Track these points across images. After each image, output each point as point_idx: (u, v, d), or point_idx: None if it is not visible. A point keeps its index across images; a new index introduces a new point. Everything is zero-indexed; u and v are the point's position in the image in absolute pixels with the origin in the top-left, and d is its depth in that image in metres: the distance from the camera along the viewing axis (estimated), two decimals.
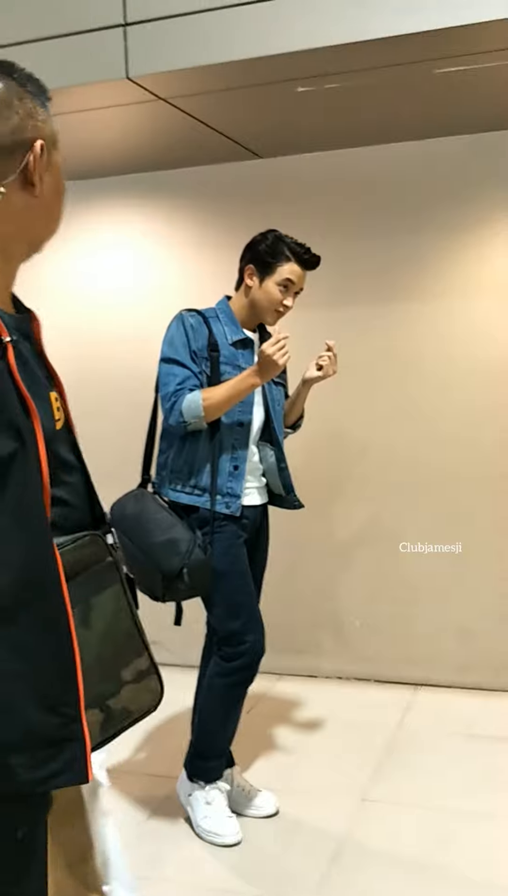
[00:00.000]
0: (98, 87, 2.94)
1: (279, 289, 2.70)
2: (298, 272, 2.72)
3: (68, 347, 4.33)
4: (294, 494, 2.88)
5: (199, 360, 2.66)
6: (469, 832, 2.70)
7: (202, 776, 2.78)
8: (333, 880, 2.48)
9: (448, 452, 3.80)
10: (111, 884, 1.42)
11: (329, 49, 2.69)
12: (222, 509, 2.67)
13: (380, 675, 3.94)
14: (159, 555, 2.52)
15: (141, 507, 2.67)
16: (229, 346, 2.69)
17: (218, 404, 2.61)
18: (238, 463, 2.70)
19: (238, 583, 2.70)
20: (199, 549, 2.54)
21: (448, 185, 3.70)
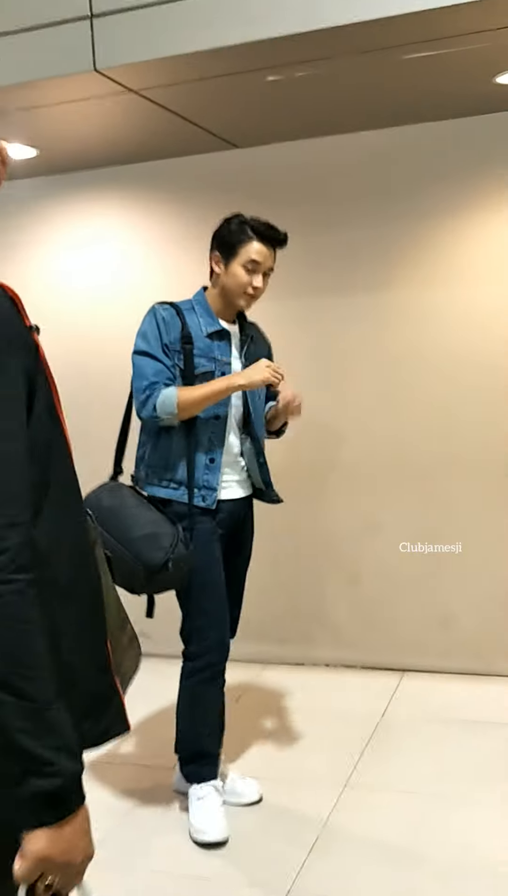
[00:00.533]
0: (67, 81, 2.93)
1: (245, 270, 2.65)
2: (262, 251, 2.66)
3: (48, 342, 4.34)
4: (272, 489, 2.86)
5: (171, 353, 2.65)
6: (450, 817, 2.72)
7: (190, 777, 2.80)
8: (313, 867, 2.50)
9: (432, 441, 3.80)
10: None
11: (296, 37, 2.68)
12: (199, 503, 2.67)
13: (366, 662, 3.96)
14: (142, 549, 2.52)
15: (119, 501, 2.66)
16: (204, 338, 2.67)
17: (194, 403, 2.60)
18: (214, 456, 2.68)
19: (208, 579, 2.69)
20: (182, 544, 2.56)
21: (425, 172, 3.70)
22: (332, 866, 2.50)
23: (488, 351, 3.70)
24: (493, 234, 3.66)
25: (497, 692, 3.64)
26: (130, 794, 2.96)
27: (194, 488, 2.66)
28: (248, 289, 2.67)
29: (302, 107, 3.37)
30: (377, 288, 3.81)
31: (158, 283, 4.03)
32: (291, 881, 2.43)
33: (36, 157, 3.85)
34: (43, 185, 4.26)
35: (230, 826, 2.70)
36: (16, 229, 4.34)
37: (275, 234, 2.69)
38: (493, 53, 2.92)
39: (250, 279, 2.66)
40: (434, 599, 3.84)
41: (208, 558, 2.68)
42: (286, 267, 3.87)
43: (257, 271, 2.66)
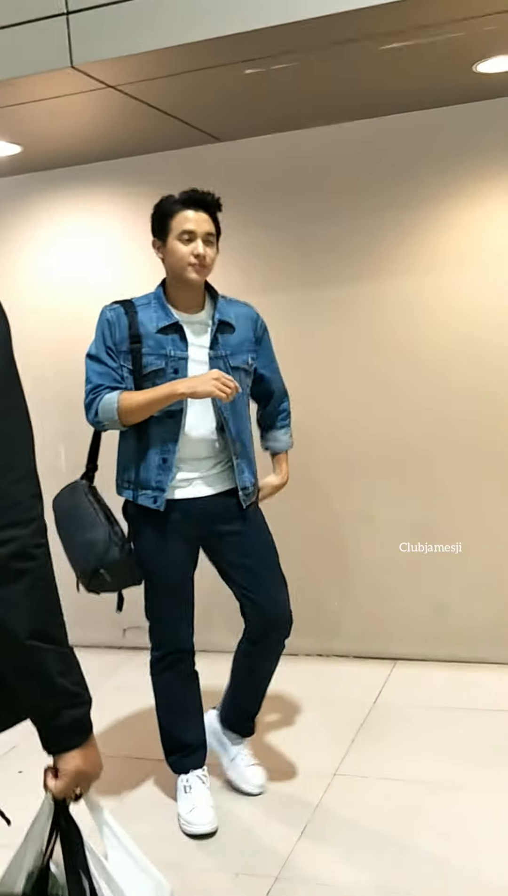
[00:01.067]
0: (44, 78, 2.93)
1: (182, 242, 2.56)
2: (191, 217, 2.57)
3: (33, 337, 4.36)
4: (244, 493, 2.71)
5: (117, 355, 2.62)
6: (440, 804, 2.74)
7: (174, 768, 2.84)
8: (302, 852, 2.53)
9: (421, 429, 3.81)
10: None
11: (273, 30, 2.68)
12: (148, 503, 2.63)
13: (358, 652, 3.98)
14: (78, 553, 2.62)
15: (74, 503, 2.70)
16: (154, 335, 2.60)
17: (135, 409, 2.55)
18: (167, 455, 2.61)
19: (156, 579, 2.69)
20: (115, 548, 2.58)
21: (407, 162, 3.70)
22: (322, 852, 2.53)
23: (475, 339, 3.71)
24: (477, 223, 3.66)
25: (487, 679, 3.66)
26: (119, 786, 2.99)
27: (141, 489, 2.64)
28: (189, 258, 2.56)
29: (282, 99, 3.38)
30: (365, 278, 3.82)
31: (143, 278, 4.00)
32: (280, 867, 2.45)
33: (19, 153, 3.86)
34: (28, 182, 4.27)
35: (221, 810, 2.74)
36: (1, 226, 4.35)
37: (201, 197, 2.59)
38: (471, 42, 2.92)
39: (189, 248, 2.56)
40: (427, 590, 3.86)
41: (157, 560, 2.67)
42: (272, 260, 3.91)
43: (193, 239, 2.56)
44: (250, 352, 2.74)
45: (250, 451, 2.76)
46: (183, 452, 2.63)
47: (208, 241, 2.60)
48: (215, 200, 2.63)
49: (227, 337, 2.68)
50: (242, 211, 3.95)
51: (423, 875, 2.38)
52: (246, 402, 2.75)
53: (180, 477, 2.65)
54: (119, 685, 3.90)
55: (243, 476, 2.70)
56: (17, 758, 3.28)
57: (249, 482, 2.72)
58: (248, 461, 2.74)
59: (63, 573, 3.81)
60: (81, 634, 4.74)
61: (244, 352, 2.71)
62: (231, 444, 2.67)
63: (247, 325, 2.74)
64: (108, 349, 2.65)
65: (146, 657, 4.13)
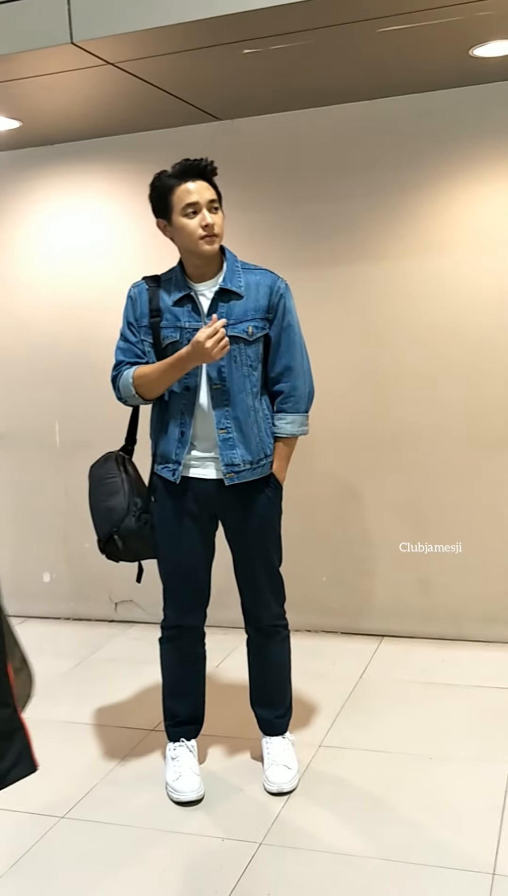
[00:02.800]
0: (44, 54, 2.94)
1: (187, 216, 2.52)
2: (190, 188, 2.52)
3: (29, 311, 4.39)
4: (228, 469, 2.63)
5: (137, 330, 2.67)
6: (421, 776, 2.81)
7: (167, 735, 2.90)
8: (285, 820, 2.60)
9: (412, 409, 3.86)
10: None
11: (271, 10, 2.68)
12: (168, 476, 2.68)
13: (346, 628, 4.05)
14: (98, 519, 2.74)
15: (103, 471, 2.81)
16: (171, 308, 2.63)
17: (150, 382, 2.60)
18: (184, 429, 2.64)
19: (165, 552, 2.75)
20: (131, 518, 2.65)
21: (404, 144, 3.72)
22: (305, 819, 2.60)
23: (470, 322, 3.74)
24: (473, 206, 3.69)
25: (473, 657, 3.73)
26: (113, 755, 3.05)
27: (163, 461, 2.69)
28: (198, 231, 2.52)
29: (280, 79, 3.39)
30: (361, 259, 3.85)
31: (140, 255, 4.06)
32: (263, 834, 2.52)
33: (19, 128, 3.87)
34: (27, 157, 4.28)
35: (209, 777, 2.81)
36: (2, 199, 4.36)
37: (196, 165, 2.55)
38: (469, 26, 2.93)
39: (197, 221, 2.52)
40: (413, 566, 3.92)
41: (168, 533, 2.71)
42: (267, 239, 3.93)
43: (198, 210, 2.52)
44: (257, 320, 2.63)
45: (249, 428, 2.64)
46: (197, 428, 2.64)
47: (213, 209, 2.55)
48: (211, 166, 2.58)
49: (231, 305, 2.61)
50: (238, 190, 3.96)
51: (402, 842, 2.45)
52: (245, 374, 2.63)
53: (196, 455, 2.66)
54: (111, 657, 3.96)
55: (231, 452, 2.62)
56: None
57: (239, 459, 2.62)
58: (244, 438, 2.63)
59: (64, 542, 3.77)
60: (75, 607, 4.84)
61: (248, 320, 2.62)
62: (224, 414, 2.62)
63: (261, 292, 2.64)
64: (129, 324, 2.69)
65: (138, 630, 4.23)
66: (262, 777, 2.80)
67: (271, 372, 2.72)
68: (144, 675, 3.58)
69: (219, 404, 2.62)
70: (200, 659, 2.89)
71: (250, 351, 2.63)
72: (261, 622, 2.83)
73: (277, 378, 2.73)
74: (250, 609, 2.82)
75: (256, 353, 2.65)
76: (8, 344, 4.45)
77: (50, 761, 3.00)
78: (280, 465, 2.76)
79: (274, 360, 2.71)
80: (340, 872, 2.35)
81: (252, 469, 2.67)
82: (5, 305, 4.43)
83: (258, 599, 2.80)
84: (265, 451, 2.70)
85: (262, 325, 2.65)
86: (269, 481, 2.73)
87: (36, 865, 2.46)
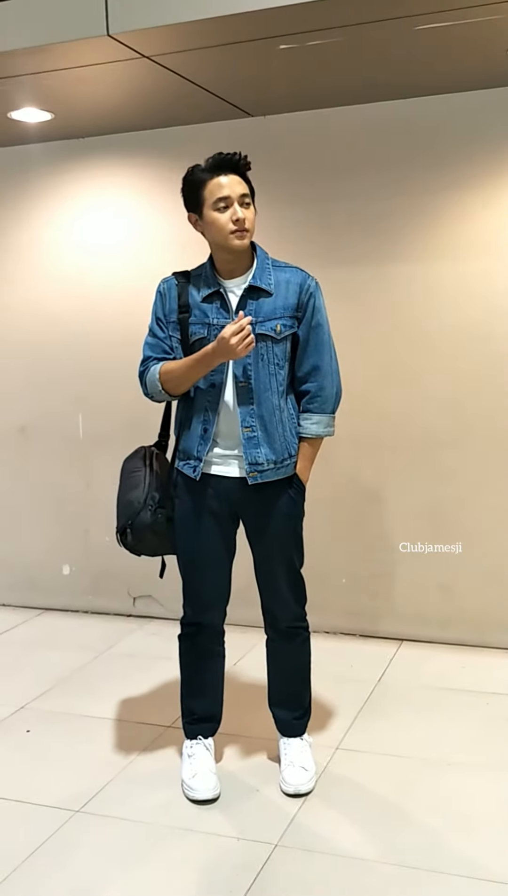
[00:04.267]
0: (80, 46, 2.94)
1: (218, 211, 2.49)
2: (222, 182, 2.49)
3: (57, 304, 4.39)
4: (251, 468, 2.60)
5: (166, 326, 2.66)
6: (437, 782, 2.79)
7: (184, 731, 2.89)
8: (301, 822, 2.58)
9: (434, 413, 3.83)
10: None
11: (308, 5, 2.67)
12: (189, 472, 2.67)
13: (365, 630, 4.02)
14: (119, 510, 2.75)
15: (132, 464, 2.82)
16: (200, 304, 2.61)
17: (176, 378, 2.59)
18: (208, 426, 2.62)
19: (184, 548, 2.74)
20: (147, 512, 2.66)
21: (436, 144, 3.69)
22: (322, 821, 2.58)
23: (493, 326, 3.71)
24: (501, 209, 3.65)
25: (492, 664, 3.69)
26: (129, 750, 3.04)
27: (185, 457, 2.68)
28: (229, 226, 2.49)
29: (315, 76, 3.37)
30: (391, 260, 3.82)
31: (169, 250, 4.05)
32: (279, 836, 2.50)
33: (51, 121, 3.87)
34: (58, 150, 4.28)
35: (226, 777, 2.79)
36: (31, 192, 4.37)
37: (228, 159, 2.51)
38: (505, 26, 2.90)
39: (228, 215, 2.49)
40: (434, 570, 3.89)
41: (187, 529, 2.70)
42: (295, 236, 3.91)
43: (229, 205, 2.49)
44: (285, 318, 2.60)
45: (274, 427, 2.61)
46: (221, 425, 2.62)
47: (245, 204, 2.51)
48: (244, 160, 2.54)
49: (260, 303, 2.58)
50: (267, 187, 3.94)
51: (418, 849, 2.43)
52: (272, 372, 2.60)
53: (219, 452, 2.64)
54: (129, 652, 3.96)
55: (255, 451, 2.59)
56: (25, 717, 3.35)
57: (263, 458, 2.60)
58: (269, 437, 2.60)
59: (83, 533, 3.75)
60: (93, 601, 4.85)
61: (277, 318, 2.59)
62: (249, 413, 2.59)
63: (290, 290, 2.61)
64: (158, 320, 2.68)
65: (155, 626, 4.22)
66: (279, 778, 2.78)
67: (299, 371, 2.68)
68: (161, 670, 3.57)
69: (244, 402, 2.59)
70: (218, 657, 2.88)
71: (278, 349, 2.60)
72: (281, 623, 2.80)
73: (304, 378, 2.69)
74: (269, 610, 2.80)
75: (283, 351, 2.62)
76: (34, 336, 4.45)
77: (66, 755, 3.02)
78: (304, 466, 2.72)
79: (302, 359, 2.67)
80: (355, 876, 2.32)
81: (276, 469, 2.64)
82: (33, 298, 4.43)
83: (278, 600, 2.77)
84: (290, 451, 2.66)
85: (290, 324, 2.61)
86: (292, 482, 2.70)
87: (50, 859, 2.45)
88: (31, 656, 3.97)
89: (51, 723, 3.28)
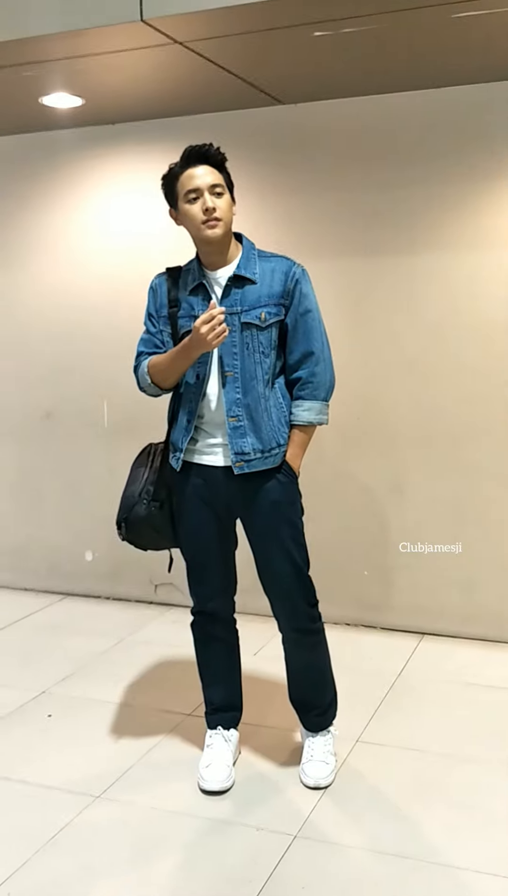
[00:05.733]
0: (113, 31, 2.92)
1: (190, 202, 2.50)
2: (192, 174, 2.49)
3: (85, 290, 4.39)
4: (237, 458, 2.57)
5: (157, 321, 2.68)
6: (455, 776, 2.78)
7: (206, 720, 2.90)
8: (320, 814, 2.58)
9: (455, 407, 3.79)
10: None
11: None
12: (174, 464, 2.68)
13: (386, 623, 4.01)
14: (120, 505, 2.76)
15: (137, 462, 2.84)
16: (187, 297, 2.61)
17: (162, 372, 2.61)
18: (191, 417, 2.61)
19: (188, 541, 2.74)
20: (141, 506, 2.69)
21: (465, 135, 3.64)
22: (338, 815, 2.58)
23: None
24: None
25: None
26: (149, 737, 3.06)
27: (173, 450, 2.68)
28: (200, 216, 2.48)
29: (348, 64, 3.34)
30: (418, 250, 3.79)
31: None
32: (298, 828, 2.51)
33: (81, 106, 3.86)
34: (88, 136, 4.27)
35: (248, 767, 2.80)
36: (61, 178, 4.37)
37: (198, 150, 2.51)
38: None
39: (199, 205, 2.49)
40: (456, 564, 3.86)
41: (184, 521, 2.71)
42: (322, 225, 3.89)
43: (200, 196, 2.49)
44: (271, 306, 2.56)
45: (260, 416, 2.57)
46: (207, 416, 2.61)
47: (216, 193, 2.50)
48: (216, 151, 2.53)
49: (244, 292, 2.56)
50: (297, 174, 3.93)
51: (436, 842, 2.42)
52: (257, 360, 2.56)
53: (207, 442, 2.63)
54: (150, 639, 3.97)
55: (241, 440, 2.56)
56: (46, 701, 3.37)
57: (250, 448, 2.56)
58: (255, 426, 2.56)
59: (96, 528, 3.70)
60: (115, 588, 4.86)
61: (261, 306, 2.56)
62: (231, 400, 2.56)
63: (275, 278, 2.58)
64: (149, 315, 2.72)
65: (176, 613, 4.23)
66: (299, 770, 2.78)
67: (290, 359, 2.64)
68: (181, 658, 3.58)
69: (230, 391, 2.57)
70: (228, 646, 2.87)
71: (263, 337, 2.57)
72: (291, 624, 2.74)
73: (296, 365, 2.64)
74: (278, 613, 2.74)
75: (268, 339, 2.58)
76: (62, 322, 4.46)
77: (87, 740, 3.03)
78: (295, 453, 2.65)
79: (292, 346, 2.63)
80: (373, 870, 2.32)
81: (263, 458, 2.59)
82: (60, 283, 4.43)
83: (285, 602, 2.71)
84: (278, 440, 2.61)
85: (276, 311, 2.57)
86: (281, 469, 2.63)
87: (69, 843, 2.47)
88: (53, 641, 3.99)
89: (72, 708, 3.30)
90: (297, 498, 2.70)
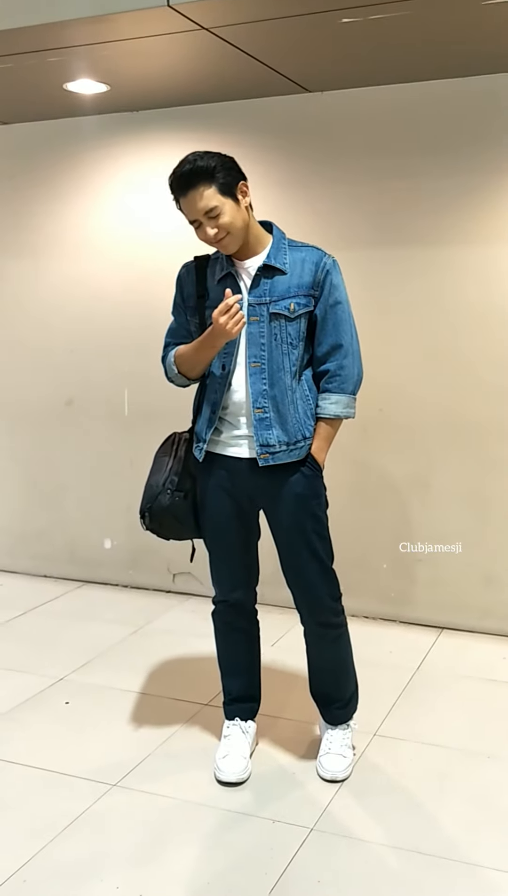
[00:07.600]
0: (139, 16, 2.90)
1: (196, 229, 2.51)
2: (183, 207, 2.49)
3: (106, 277, 4.38)
4: (262, 450, 2.54)
5: (185, 310, 2.67)
6: (472, 771, 2.76)
7: (224, 711, 2.89)
8: (337, 808, 2.57)
9: (479, 399, 3.75)
10: None
11: None
12: (197, 455, 2.66)
13: (405, 617, 3.99)
14: (143, 494, 2.74)
15: (160, 451, 2.82)
16: (215, 287, 2.59)
17: (188, 362, 2.61)
18: (215, 408, 2.59)
19: (211, 532, 2.73)
20: (165, 496, 2.67)
21: (493, 124, 3.59)
22: (356, 810, 2.57)
23: None
24: None
25: None
26: (167, 726, 3.06)
27: (197, 441, 2.67)
28: (209, 241, 2.51)
29: (375, 52, 3.29)
30: (443, 241, 3.74)
31: None
32: (314, 821, 2.50)
33: (106, 93, 3.84)
34: (113, 122, 4.25)
35: (266, 759, 2.80)
36: (84, 165, 4.36)
37: (177, 177, 2.46)
38: None
39: (201, 234, 2.50)
40: (478, 559, 3.84)
41: (207, 511, 2.69)
42: (350, 214, 3.85)
43: (200, 225, 2.49)
44: (300, 297, 2.53)
45: (287, 408, 2.54)
46: (232, 407, 2.59)
47: (212, 217, 2.45)
48: (199, 169, 2.42)
49: (273, 282, 2.54)
50: (322, 163, 3.90)
51: (453, 838, 2.41)
52: (285, 352, 2.53)
53: (232, 433, 2.60)
54: (167, 628, 3.97)
55: (267, 432, 2.53)
56: (64, 688, 3.37)
57: (275, 440, 2.53)
58: (281, 418, 2.53)
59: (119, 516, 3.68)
60: (134, 576, 4.86)
61: (291, 297, 2.53)
62: (258, 392, 2.54)
63: (306, 268, 2.55)
64: (176, 305, 2.71)
65: (194, 603, 4.23)
66: (316, 762, 2.77)
67: (318, 351, 2.61)
68: (199, 647, 3.58)
69: (256, 383, 2.54)
70: (249, 636, 2.87)
71: (292, 328, 2.54)
72: (313, 618, 2.72)
73: (324, 357, 2.61)
74: (300, 605, 2.72)
75: (297, 331, 2.55)
76: (83, 310, 4.45)
77: (104, 728, 3.04)
78: (320, 446, 2.61)
79: (321, 338, 2.59)
80: (390, 865, 2.31)
81: (289, 451, 2.56)
82: (82, 272, 4.43)
83: (308, 596, 2.69)
84: (304, 433, 2.57)
85: (305, 302, 2.55)
86: (306, 462, 2.60)
87: (86, 832, 2.47)
88: (71, 628, 4.01)
89: (90, 695, 3.31)
90: (321, 491, 2.67)
